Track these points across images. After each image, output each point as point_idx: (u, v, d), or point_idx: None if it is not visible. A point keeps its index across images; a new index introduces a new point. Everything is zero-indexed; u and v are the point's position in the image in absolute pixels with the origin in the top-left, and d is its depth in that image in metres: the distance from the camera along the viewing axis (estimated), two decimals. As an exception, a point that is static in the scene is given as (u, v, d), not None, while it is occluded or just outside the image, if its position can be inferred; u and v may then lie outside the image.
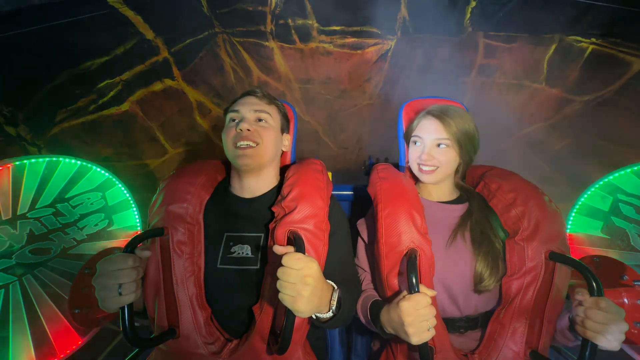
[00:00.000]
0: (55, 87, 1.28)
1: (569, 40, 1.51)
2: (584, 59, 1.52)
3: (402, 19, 1.61)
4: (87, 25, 1.21)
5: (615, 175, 0.99)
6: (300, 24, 1.60)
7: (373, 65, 1.79)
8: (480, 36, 1.70)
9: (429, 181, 0.71)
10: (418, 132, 0.71)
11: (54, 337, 0.94)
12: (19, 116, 1.23)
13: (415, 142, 0.72)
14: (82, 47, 1.26)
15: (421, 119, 0.72)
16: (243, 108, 0.69)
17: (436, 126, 0.68)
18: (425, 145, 0.69)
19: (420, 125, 0.71)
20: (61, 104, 1.34)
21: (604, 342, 0.47)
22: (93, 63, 1.32)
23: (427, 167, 0.69)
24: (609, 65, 1.45)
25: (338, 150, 2.10)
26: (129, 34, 1.34)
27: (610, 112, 1.51)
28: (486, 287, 0.62)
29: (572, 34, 1.50)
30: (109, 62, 1.35)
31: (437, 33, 1.68)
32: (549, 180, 1.74)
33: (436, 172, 0.69)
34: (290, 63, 1.73)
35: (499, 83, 1.73)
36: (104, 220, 1.13)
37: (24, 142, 1.24)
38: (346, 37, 1.68)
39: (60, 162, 1.09)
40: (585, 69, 1.52)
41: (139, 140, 1.64)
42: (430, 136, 0.68)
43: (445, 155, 0.68)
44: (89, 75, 1.34)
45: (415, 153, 0.71)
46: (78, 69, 1.30)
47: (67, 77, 1.29)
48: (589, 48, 1.49)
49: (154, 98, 1.59)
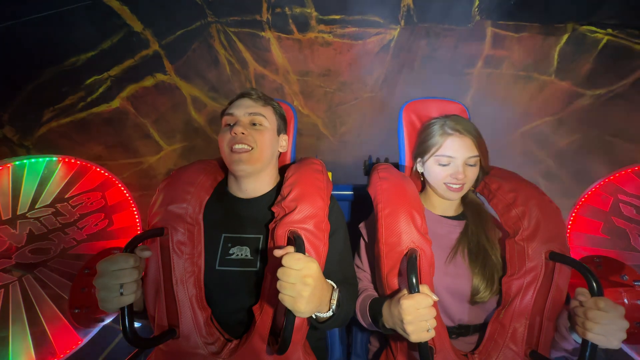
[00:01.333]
0: (40, 85, 1.25)
1: (582, 31, 1.47)
2: (597, 50, 1.48)
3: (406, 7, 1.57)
4: (69, 19, 1.16)
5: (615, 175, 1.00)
6: (298, 12, 1.56)
7: (375, 56, 1.76)
8: (488, 25, 1.67)
9: (455, 198, 0.72)
10: (447, 152, 0.69)
11: (54, 337, 0.97)
12: (4, 117, 1.21)
13: (444, 162, 0.69)
14: (66, 42, 1.22)
15: (444, 135, 0.70)
16: (237, 111, 0.69)
17: (467, 144, 0.68)
18: (458, 165, 0.68)
19: (447, 144, 0.69)
20: (47, 103, 1.31)
21: (604, 341, 0.49)
22: (78, 59, 1.29)
23: (457, 185, 0.69)
24: (624, 57, 1.42)
25: (338, 144, 2.10)
26: (115, 27, 1.29)
27: (621, 107, 1.49)
28: (482, 299, 0.64)
29: (586, 23, 1.45)
30: (95, 57, 1.31)
31: (443, 22, 1.65)
32: (555, 177, 1.75)
33: (464, 188, 0.70)
34: (288, 54, 1.70)
35: (506, 75, 1.71)
36: (104, 220, 1.14)
37: (12, 143, 1.23)
38: (347, 27, 1.64)
39: (60, 162, 1.10)
40: (598, 61, 1.49)
41: (132, 137, 1.64)
42: (463, 155, 0.68)
43: (474, 172, 0.70)
44: (75, 71, 1.30)
45: (443, 172, 0.70)
46: (63, 66, 1.26)
47: (52, 75, 1.26)
48: (603, 39, 1.45)
49: (145, 94, 1.57)
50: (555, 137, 1.72)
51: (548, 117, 1.72)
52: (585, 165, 1.60)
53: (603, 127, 1.57)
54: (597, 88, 1.54)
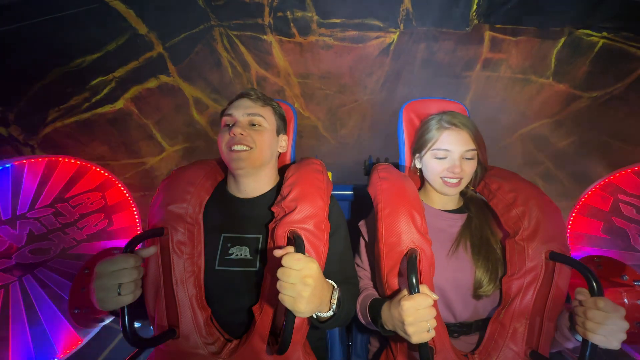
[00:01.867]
0: (46, 85, 1.27)
1: (578, 34, 1.49)
2: (593, 53, 1.50)
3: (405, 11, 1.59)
4: (76, 21, 1.18)
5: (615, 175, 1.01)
6: (299, 16, 1.58)
7: (374, 59, 1.78)
8: (486, 29, 1.69)
9: (454, 193, 0.72)
10: (443, 145, 0.69)
11: (54, 337, 0.96)
12: (10, 116, 1.23)
13: (441, 156, 0.70)
14: (72, 44, 1.24)
15: (440, 130, 0.70)
16: (236, 112, 0.70)
17: (464, 137, 0.68)
18: (454, 159, 0.68)
19: (443, 138, 0.69)
20: (53, 103, 1.33)
21: (604, 341, 0.49)
22: (84, 60, 1.30)
23: (454, 179, 0.69)
24: (620, 60, 1.44)
25: (338, 146, 2.10)
26: (120, 29, 1.31)
27: (618, 109, 1.51)
28: (485, 292, 0.64)
29: (582, 27, 1.47)
30: (100, 58, 1.33)
31: (442, 26, 1.67)
32: (553, 178, 1.75)
33: (461, 183, 0.70)
34: (289, 57, 1.72)
35: (504, 77, 1.72)
36: (104, 220, 1.15)
37: (17, 142, 1.24)
38: (347, 30, 1.66)
39: (59, 162, 1.10)
40: (594, 64, 1.51)
41: (135, 138, 1.65)
42: (460, 148, 0.68)
43: (472, 167, 0.70)
44: (80, 72, 1.32)
45: (440, 166, 0.70)
46: (69, 67, 1.28)
47: (58, 75, 1.28)
48: (599, 42, 1.47)
49: (149, 95, 1.58)
50: (554, 139, 1.73)
51: (546, 119, 1.73)
52: (584, 167, 1.61)
53: (600, 129, 1.58)
54: (594, 90, 1.56)
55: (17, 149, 1.23)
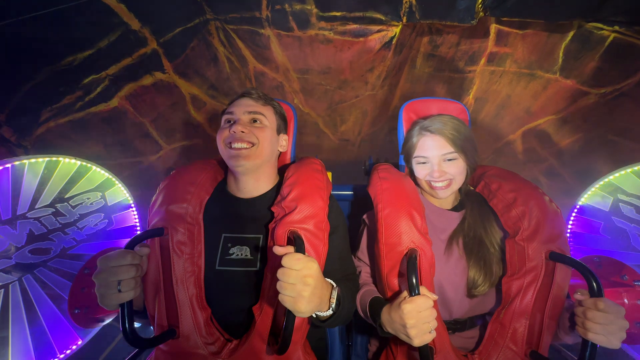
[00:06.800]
0: (37, 85, 1.24)
1: (588, 28, 1.46)
2: (603, 48, 1.47)
3: (408, 4, 1.56)
4: (66, 17, 1.14)
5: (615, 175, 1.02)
6: (298, 9, 1.56)
7: (376, 53, 1.76)
8: (492, 22, 1.66)
9: (445, 196, 0.74)
10: (421, 152, 0.73)
11: (54, 337, 0.99)
12: (1, 117, 1.21)
13: (422, 161, 0.74)
14: (62, 41, 1.20)
15: (418, 137, 0.74)
16: (237, 110, 0.71)
17: (438, 142, 0.70)
18: (433, 164, 0.71)
19: (420, 145, 0.73)
20: (45, 103, 1.30)
21: (604, 341, 0.50)
22: (75, 58, 1.27)
23: (440, 182, 0.72)
24: (631, 55, 1.41)
25: (339, 142, 2.10)
26: (112, 25, 1.27)
27: (627, 106, 1.49)
28: (480, 292, 0.66)
29: (592, 20, 1.44)
30: (92, 56, 1.30)
31: (446, 18, 1.65)
32: (557, 175, 1.75)
33: (452, 185, 0.72)
34: (288, 52, 1.70)
35: (510, 72, 1.71)
36: (104, 220, 1.16)
37: (10, 144, 1.23)
38: (347, 24, 1.64)
39: (59, 162, 1.12)
40: (604, 59, 1.48)
41: (131, 137, 1.65)
42: (436, 153, 0.71)
43: (456, 167, 0.71)
44: (72, 71, 1.28)
45: (423, 171, 0.74)
46: (60, 65, 1.24)
47: (49, 74, 1.24)
48: (610, 36, 1.44)
49: (144, 93, 1.57)
50: (559, 136, 1.73)
51: (552, 116, 1.72)
52: (589, 165, 1.60)
53: (607, 126, 1.57)
54: (603, 86, 1.54)
55: (10, 150, 1.22)
